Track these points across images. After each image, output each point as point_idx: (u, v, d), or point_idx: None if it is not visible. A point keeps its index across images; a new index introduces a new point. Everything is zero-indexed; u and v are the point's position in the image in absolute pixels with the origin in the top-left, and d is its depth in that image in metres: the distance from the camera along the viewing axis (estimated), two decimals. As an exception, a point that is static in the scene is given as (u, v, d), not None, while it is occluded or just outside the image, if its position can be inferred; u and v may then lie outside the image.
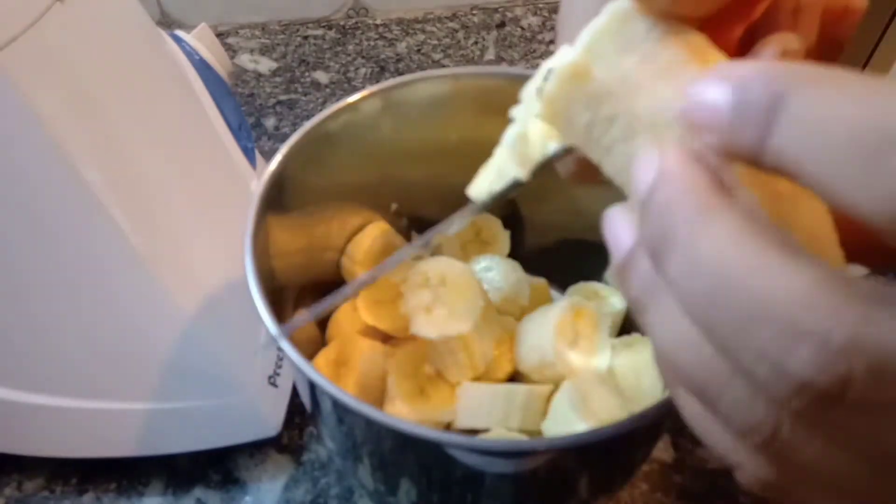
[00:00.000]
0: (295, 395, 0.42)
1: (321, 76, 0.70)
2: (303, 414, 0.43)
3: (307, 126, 0.34)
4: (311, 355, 0.36)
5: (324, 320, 0.40)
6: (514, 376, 0.37)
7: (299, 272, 0.36)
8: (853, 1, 0.20)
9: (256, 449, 0.42)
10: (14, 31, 0.28)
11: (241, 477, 0.41)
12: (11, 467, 0.41)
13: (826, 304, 0.11)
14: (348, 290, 0.26)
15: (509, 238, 0.44)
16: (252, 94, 0.68)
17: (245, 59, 0.72)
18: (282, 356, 0.41)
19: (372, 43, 0.74)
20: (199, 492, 0.40)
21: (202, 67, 0.45)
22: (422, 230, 0.44)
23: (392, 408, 0.34)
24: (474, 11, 0.78)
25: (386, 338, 0.38)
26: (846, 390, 0.11)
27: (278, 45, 0.74)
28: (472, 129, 0.39)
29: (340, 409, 0.27)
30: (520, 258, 0.42)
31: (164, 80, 0.41)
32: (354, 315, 0.39)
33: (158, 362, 0.36)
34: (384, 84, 0.36)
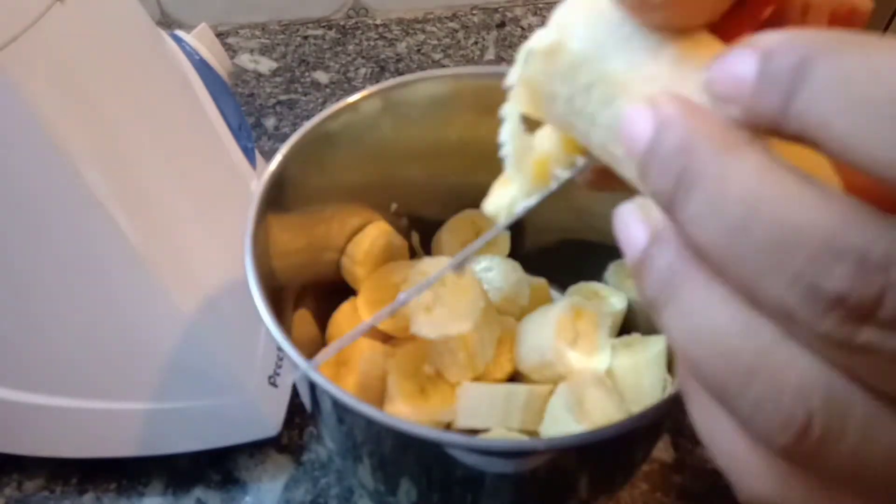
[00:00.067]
0: (295, 395, 0.42)
1: (321, 76, 0.70)
2: (303, 414, 0.43)
3: (307, 126, 0.34)
4: (311, 355, 0.36)
5: (324, 320, 0.40)
6: (514, 376, 0.37)
7: (299, 272, 0.36)
8: (860, 2, 0.20)
9: (256, 449, 0.42)
10: (14, 31, 0.28)
11: (241, 477, 0.41)
12: (11, 467, 0.41)
13: (863, 225, 0.11)
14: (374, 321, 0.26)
15: (509, 238, 0.44)
16: (252, 94, 0.68)
17: (245, 59, 0.72)
18: (282, 356, 0.41)
19: (372, 43, 0.74)
20: (199, 492, 0.40)
21: (202, 67, 0.45)
22: (422, 230, 0.44)
23: (392, 408, 0.34)
24: (474, 11, 0.78)
25: (386, 338, 0.38)
26: (882, 302, 0.11)
27: (278, 45, 0.74)
28: (472, 129, 0.39)
29: (340, 409, 0.27)
30: (520, 258, 0.42)
31: (164, 80, 0.41)
32: (354, 315, 0.39)
33: (158, 362, 0.36)
34: (384, 84, 0.36)
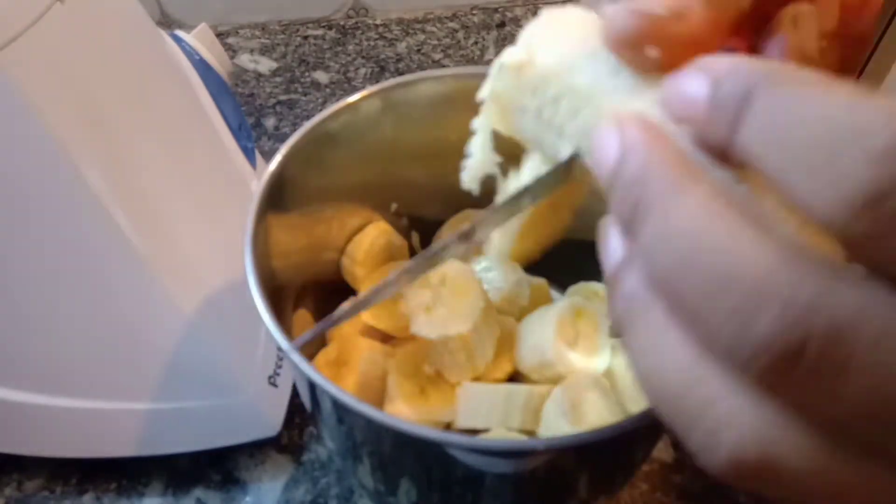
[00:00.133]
0: (295, 395, 0.42)
1: (321, 76, 0.70)
2: (303, 414, 0.43)
3: (307, 126, 0.34)
4: (311, 355, 0.36)
5: (324, 320, 0.40)
6: (514, 376, 0.37)
7: (299, 272, 0.36)
8: None
9: (256, 449, 0.42)
10: (14, 31, 0.28)
11: (241, 477, 0.41)
12: (11, 467, 0.41)
13: (791, 273, 0.12)
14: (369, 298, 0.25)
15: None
16: (252, 94, 0.68)
17: (245, 59, 0.72)
18: (282, 356, 0.41)
19: (372, 43, 0.74)
20: (199, 492, 0.40)
21: (202, 67, 0.45)
22: (422, 230, 0.44)
23: (392, 408, 0.34)
24: (474, 11, 0.78)
25: (386, 338, 0.38)
26: (804, 350, 0.11)
27: (278, 45, 0.74)
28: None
29: (340, 409, 0.27)
30: (520, 258, 0.42)
31: (164, 80, 0.41)
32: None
33: (158, 362, 0.36)
34: (384, 84, 0.36)
